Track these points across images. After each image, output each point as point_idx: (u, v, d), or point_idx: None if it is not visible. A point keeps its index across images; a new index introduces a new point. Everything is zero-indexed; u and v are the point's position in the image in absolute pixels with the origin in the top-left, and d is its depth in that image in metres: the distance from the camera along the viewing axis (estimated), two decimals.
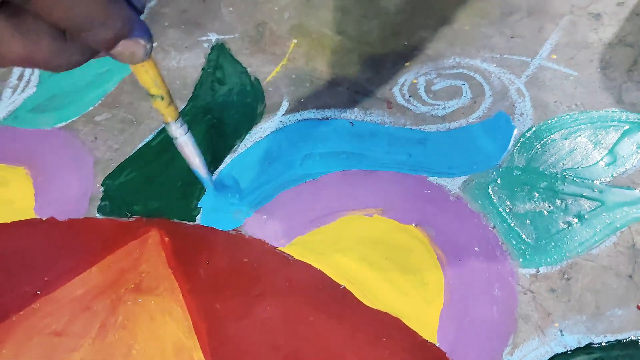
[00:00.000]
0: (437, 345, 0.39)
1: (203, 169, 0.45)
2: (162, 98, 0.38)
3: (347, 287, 0.42)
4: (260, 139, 0.53)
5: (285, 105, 0.56)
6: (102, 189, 0.50)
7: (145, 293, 0.43)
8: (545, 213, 0.45)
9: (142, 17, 0.64)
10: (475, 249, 0.43)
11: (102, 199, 0.50)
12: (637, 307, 0.39)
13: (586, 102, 0.52)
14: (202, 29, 0.65)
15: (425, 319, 0.40)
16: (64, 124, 0.56)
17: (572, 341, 0.38)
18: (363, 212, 0.46)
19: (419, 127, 0.52)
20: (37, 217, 0.49)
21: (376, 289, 0.42)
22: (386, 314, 0.41)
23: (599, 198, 0.45)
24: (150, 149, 0.53)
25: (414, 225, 0.45)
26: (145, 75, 0.36)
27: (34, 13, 0.24)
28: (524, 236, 0.44)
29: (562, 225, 0.44)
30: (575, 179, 0.46)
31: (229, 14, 0.67)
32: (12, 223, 0.49)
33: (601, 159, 0.48)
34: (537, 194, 0.46)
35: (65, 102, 0.59)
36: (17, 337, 0.42)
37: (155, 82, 0.37)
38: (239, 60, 0.61)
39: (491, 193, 0.46)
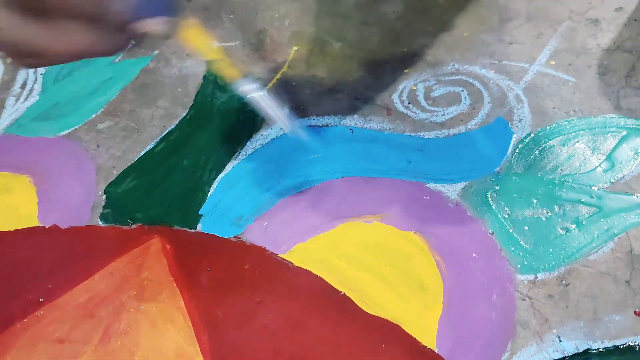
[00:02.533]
0: (436, 351, 0.40)
1: (286, 121, 0.47)
2: (214, 62, 0.41)
3: (347, 294, 0.43)
4: (260, 146, 0.53)
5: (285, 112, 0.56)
6: (104, 196, 0.51)
7: (147, 300, 0.43)
8: (544, 219, 0.45)
9: None
10: (474, 255, 0.44)
11: (105, 207, 0.50)
12: (635, 312, 0.40)
13: (584, 108, 0.52)
14: None
15: (424, 325, 0.41)
16: (66, 132, 0.57)
17: (570, 347, 0.39)
18: (363, 219, 0.47)
19: (418, 133, 0.53)
20: (41, 224, 0.49)
21: (376, 295, 0.43)
22: (386, 320, 0.41)
23: (597, 204, 0.45)
24: (152, 157, 0.54)
25: (413, 231, 0.46)
26: (190, 45, 0.39)
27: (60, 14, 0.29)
28: (522, 242, 0.44)
29: (560, 231, 0.44)
30: (573, 185, 0.47)
31: (230, 21, 0.67)
32: (16, 231, 0.49)
33: (599, 165, 0.48)
34: (535, 200, 0.46)
35: (67, 110, 0.59)
36: (22, 344, 0.42)
37: (202, 50, 0.39)
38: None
39: (490, 199, 0.47)
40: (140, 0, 0.31)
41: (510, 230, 0.45)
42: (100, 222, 0.49)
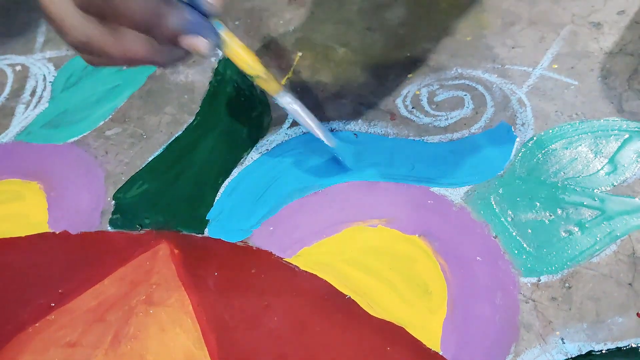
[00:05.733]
0: (441, 353, 0.40)
1: (319, 130, 0.48)
2: (258, 77, 0.43)
3: (352, 297, 0.43)
4: (266, 151, 0.54)
5: (290, 117, 0.57)
6: (113, 202, 0.52)
7: (156, 304, 0.44)
8: (547, 222, 0.46)
9: None
10: (478, 258, 0.44)
11: (114, 213, 0.51)
12: (637, 314, 0.40)
13: (587, 111, 0.53)
14: None
15: (428, 328, 0.41)
16: (75, 138, 0.58)
17: (573, 349, 0.39)
18: (367, 223, 0.47)
19: (422, 138, 0.53)
20: (51, 230, 0.50)
21: (381, 298, 0.43)
22: (391, 323, 0.42)
23: (600, 207, 0.46)
24: (160, 163, 0.55)
25: (417, 235, 0.46)
26: (235, 61, 0.41)
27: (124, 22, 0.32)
28: (525, 245, 0.45)
29: (563, 234, 0.45)
30: (576, 188, 0.47)
31: (235, 28, 0.68)
32: (27, 237, 0.50)
33: (602, 168, 0.48)
34: (538, 204, 0.47)
35: (76, 118, 0.60)
36: (34, 348, 0.43)
37: (248, 65, 0.42)
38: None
39: (493, 203, 0.47)
40: (191, 22, 0.34)
41: (514, 234, 0.45)
42: (109, 228, 0.50)
